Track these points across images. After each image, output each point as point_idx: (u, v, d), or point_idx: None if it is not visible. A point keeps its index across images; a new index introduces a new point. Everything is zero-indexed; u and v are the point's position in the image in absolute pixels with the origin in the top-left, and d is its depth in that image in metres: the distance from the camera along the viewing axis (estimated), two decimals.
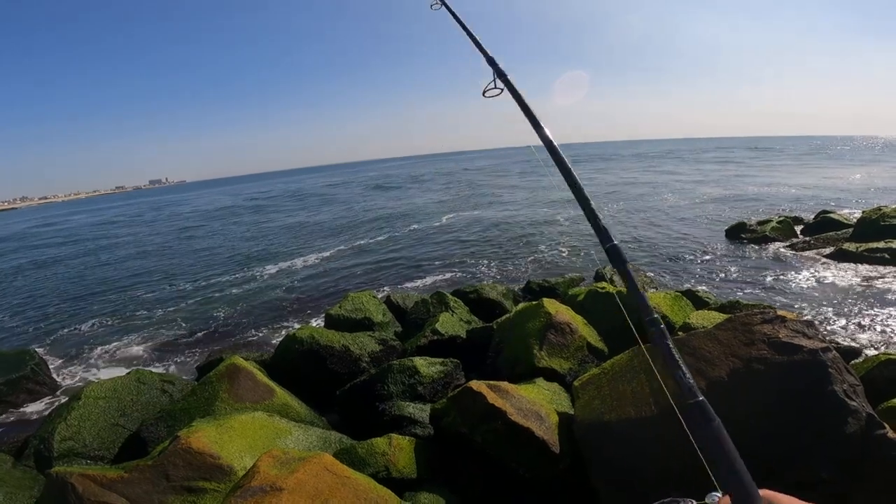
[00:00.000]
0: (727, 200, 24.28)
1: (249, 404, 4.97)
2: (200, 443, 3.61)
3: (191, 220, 39.70)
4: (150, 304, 13.74)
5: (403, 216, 27.30)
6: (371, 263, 16.14)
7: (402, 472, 3.83)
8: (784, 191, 26.74)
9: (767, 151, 73.82)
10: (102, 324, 12.23)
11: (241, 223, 32.41)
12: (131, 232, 35.25)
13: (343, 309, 8.47)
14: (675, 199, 26.16)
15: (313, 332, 7.00)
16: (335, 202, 41.01)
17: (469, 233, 20.28)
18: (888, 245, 11.59)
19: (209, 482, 3.43)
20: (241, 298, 13.30)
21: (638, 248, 15.46)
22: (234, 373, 5.31)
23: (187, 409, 4.91)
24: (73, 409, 5.17)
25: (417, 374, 5.61)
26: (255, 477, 2.93)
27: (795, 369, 3.18)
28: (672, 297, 7.30)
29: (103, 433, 5.11)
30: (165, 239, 28.62)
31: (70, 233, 39.62)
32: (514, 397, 4.14)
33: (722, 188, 29.37)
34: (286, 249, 20.37)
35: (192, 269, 18.31)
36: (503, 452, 3.79)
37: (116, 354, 10.00)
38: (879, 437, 2.91)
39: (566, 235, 18.10)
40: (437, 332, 7.13)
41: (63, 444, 4.83)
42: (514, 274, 13.43)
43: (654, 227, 18.86)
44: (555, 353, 5.65)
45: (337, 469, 3.10)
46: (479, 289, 9.51)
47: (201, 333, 10.72)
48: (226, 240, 25.24)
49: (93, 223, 48.53)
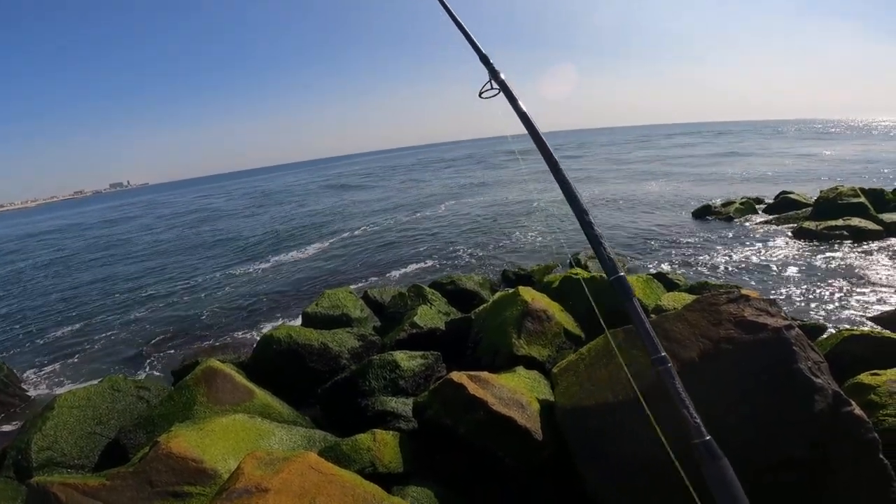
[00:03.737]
0: (691, 183, 24.96)
1: (229, 406, 4.92)
2: (181, 447, 3.56)
3: (159, 222, 38.58)
4: (121, 309, 13.36)
5: (383, 210, 27.11)
6: (346, 260, 16.03)
7: (389, 466, 3.86)
8: (745, 172, 27.65)
9: (726, 135, 75.83)
10: (71, 332, 11.85)
11: (206, 226, 31.61)
12: (97, 237, 34.08)
13: (320, 306, 8.41)
14: (642, 183, 26.73)
15: (290, 331, 6.94)
16: (304, 201, 40.40)
17: (445, 223, 20.31)
18: (846, 223, 12.11)
19: (194, 486, 3.39)
20: (214, 300, 13.04)
21: (608, 233, 15.76)
22: (212, 376, 5.23)
23: (165, 415, 4.82)
24: (48, 419, 5.02)
25: (398, 368, 5.64)
26: (240, 479, 2.91)
27: (761, 348, 3.30)
28: (644, 280, 7.51)
29: (81, 441, 4.98)
30: (133, 243, 27.78)
31: (28, 240, 38.06)
32: (494, 387, 4.20)
33: (685, 172, 30.13)
34: (257, 250, 20.03)
35: (162, 272, 17.85)
36: (487, 442, 3.86)
37: (88, 362, 9.71)
38: (846, 415, 2.98)
39: (539, 223, 18.32)
40: (415, 325, 7.16)
41: (41, 454, 4.71)
42: (490, 263, 13.55)
43: (623, 211, 19.26)
44: (533, 341, 5.74)
45: (322, 467, 3.10)
46: (455, 280, 9.57)
47: (175, 338, 10.49)
48: (193, 242, 24.64)
49: (54, 229, 46.73)
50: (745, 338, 3.39)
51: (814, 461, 2.94)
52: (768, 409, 3.09)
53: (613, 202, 21.59)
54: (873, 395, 3.90)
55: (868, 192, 13.65)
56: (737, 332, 3.45)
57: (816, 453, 2.94)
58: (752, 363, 3.28)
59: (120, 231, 35.59)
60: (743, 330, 3.44)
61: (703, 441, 1.16)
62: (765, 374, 3.21)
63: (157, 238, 28.23)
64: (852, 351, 4.91)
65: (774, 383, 3.17)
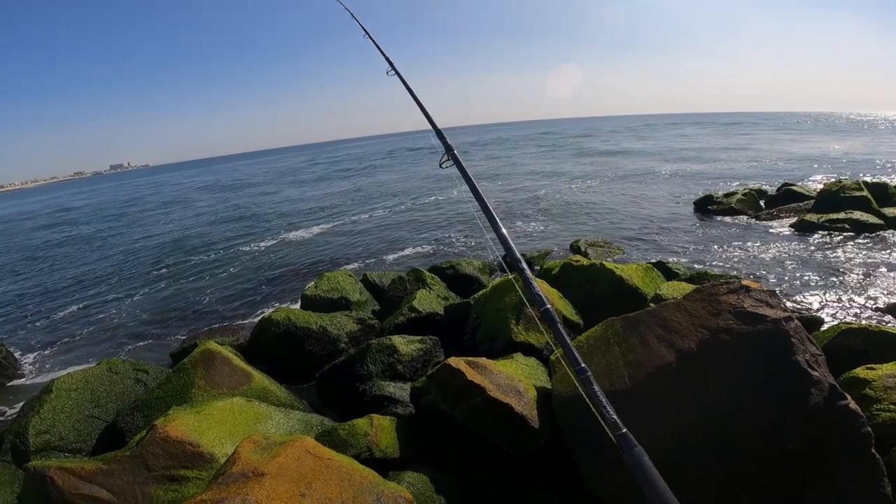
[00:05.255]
0: (694, 173, 24.81)
1: (227, 390, 4.93)
2: (178, 431, 3.57)
3: (163, 202, 38.48)
4: (122, 290, 13.34)
5: (381, 195, 27.00)
6: (344, 243, 15.99)
7: (385, 452, 3.88)
8: (750, 164, 27.44)
9: (734, 126, 75.20)
10: (71, 313, 11.83)
11: (198, 208, 31.47)
12: (98, 217, 34.01)
13: (319, 289, 8.41)
14: (643, 172, 26.57)
15: (289, 313, 6.94)
16: (299, 184, 40.21)
17: (441, 208, 20.24)
18: (848, 216, 12.06)
19: (191, 470, 3.41)
20: (213, 283, 13.03)
21: (609, 221, 15.71)
22: (210, 358, 5.24)
23: (163, 398, 4.83)
24: (45, 403, 5.03)
25: (396, 352, 5.65)
26: (237, 463, 2.92)
27: (760, 339, 3.29)
28: (644, 268, 7.49)
29: (79, 425, 4.99)
30: (133, 223, 27.71)
31: (29, 221, 37.98)
32: (492, 373, 4.21)
33: (685, 162, 29.90)
34: (257, 231, 19.98)
35: (159, 253, 17.80)
36: (484, 429, 3.87)
37: (86, 344, 9.69)
38: (842, 408, 2.99)
39: (541, 209, 18.26)
40: (414, 309, 7.16)
41: (39, 438, 4.72)
42: (489, 248, 13.51)
43: (624, 199, 19.17)
44: (531, 328, 5.74)
45: (319, 452, 3.11)
46: (455, 264, 9.55)
47: (173, 319, 10.48)
48: (189, 224, 24.55)
49: (57, 209, 46.60)
50: (744, 328, 3.38)
51: (808, 454, 2.94)
52: (765, 400, 3.09)
53: (614, 190, 21.50)
54: (868, 390, 3.91)
55: (871, 186, 13.56)
56: (736, 323, 3.44)
57: (811, 446, 2.95)
58: (750, 354, 3.28)
59: (129, 211, 35.48)
60: (742, 321, 3.43)
61: (621, 433, 1.46)
62: (763, 365, 3.21)
63: (159, 219, 28.14)
64: (849, 344, 4.91)
65: (772, 375, 3.17)
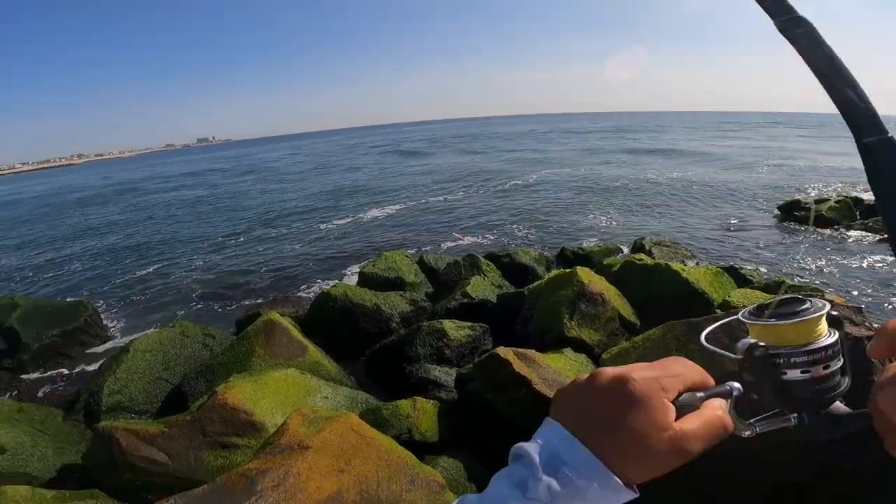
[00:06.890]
0: (781, 175, 22.63)
1: (283, 360, 5.17)
2: (236, 399, 3.79)
3: (243, 177, 40.56)
4: (195, 258, 14.32)
5: (456, 179, 26.89)
6: (412, 223, 16.25)
7: (425, 435, 3.93)
8: (844, 168, 24.42)
9: (826, 127, 68.30)
10: (150, 276, 12.81)
11: (285, 183, 32.88)
12: (193, 185, 36.55)
13: (377, 267, 8.60)
14: (722, 171, 24.63)
15: (347, 289, 7.15)
16: (379, 165, 41.02)
17: (513, 196, 19.99)
18: None
19: (241, 438, 3.62)
20: (280, 255, 13.68)
21: (682, 222, 14.82)
22: (271, 329, 5.52)
23: (225, 364, 5.16)
24: (122, 363, 5.48)
25: (445, 336, 5.68)
26: (285, 434, 3.06)
27: None
28: (712, 272, 6.98)
29: (148, 387, 5.41)
30: (216, 197, 29.39)
31: (123, 189, 41.25)
32: (540, 366, 4.13)
33: (775, 162, 27.37)
34: (322, 207, 20.69)
35: (236, 225, 18.87)
36: (527, 422, 3.82)
37: (164, 307, 10.46)
38: None
39: (611, 203, 17.56)
40: (467, 294, 7.15)
41: (111, 398, 5.13)
42: (550, 239, 13.22)
43: (701, 199, 17.97)
44: (585, 324, 5.58)
45: (361, 429, 3.20)
46: (512, 253, 9.44)
47: (241, 288, 11.11)
48: (269, 199, 25.79)
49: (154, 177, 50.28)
50: None
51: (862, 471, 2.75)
52: None
53: (690, 190, 20.15)
54: None
55: None
56: None
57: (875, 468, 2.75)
58: None
59: (221, 181, 37.84)
60: None
61: None
62: None
63: (248, 190, 29.91)
64: None
65: (849, 394, 2.93)
